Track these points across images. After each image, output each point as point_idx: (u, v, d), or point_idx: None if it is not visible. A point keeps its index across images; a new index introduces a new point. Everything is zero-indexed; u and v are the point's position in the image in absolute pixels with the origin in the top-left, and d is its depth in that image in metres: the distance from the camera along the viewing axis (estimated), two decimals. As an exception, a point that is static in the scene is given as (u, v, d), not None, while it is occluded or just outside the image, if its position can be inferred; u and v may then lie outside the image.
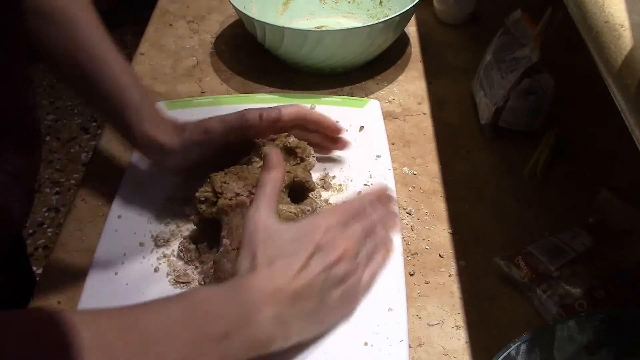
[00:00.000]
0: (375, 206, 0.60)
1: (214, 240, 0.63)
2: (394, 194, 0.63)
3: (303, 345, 0.55)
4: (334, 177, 0.72)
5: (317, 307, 0.53)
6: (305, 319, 0.53)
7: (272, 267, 0.52)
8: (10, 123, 0.61)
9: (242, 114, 0.67)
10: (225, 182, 0.62)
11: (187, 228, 0.67)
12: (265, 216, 0.55)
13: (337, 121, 0.72)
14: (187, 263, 0.63)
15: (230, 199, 0.60)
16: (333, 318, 0.56)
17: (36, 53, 0.65)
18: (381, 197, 0.61)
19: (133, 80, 0.67)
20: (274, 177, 0.58)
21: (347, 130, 0.78)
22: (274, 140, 0.67)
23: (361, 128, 0.78)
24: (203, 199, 0.62)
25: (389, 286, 0.60)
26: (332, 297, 0.54)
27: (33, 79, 0.64)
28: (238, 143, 0.68)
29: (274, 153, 0.59)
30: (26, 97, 0.64)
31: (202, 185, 0.63)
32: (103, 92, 0.66)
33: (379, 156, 0.74)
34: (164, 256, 0.64)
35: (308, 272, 0.52)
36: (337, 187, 0.71)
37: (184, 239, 0.65)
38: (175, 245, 0.65)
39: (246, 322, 0.49)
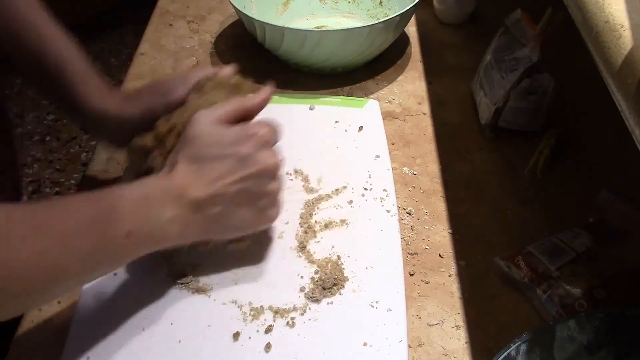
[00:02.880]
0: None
1: None
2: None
3: (301, 345, 0.56)
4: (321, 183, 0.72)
5: (224, 216, 0.55)
6: (208, 224, 0.55)
7: (187, 171, 0.54)
8: None
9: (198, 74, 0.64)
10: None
11: None
12: (209, 121, 0.56)
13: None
14: None
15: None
16: (240, 228, 0.58)
17: None
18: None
19: (77, 54, 0.65)
20: (245, 105, 0.59)
21: (346, 131, 0.78)
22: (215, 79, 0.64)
23: (360, 128, 0.78)
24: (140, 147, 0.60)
25: (388, 286, 0.60)
26: (242, 210, 0.56)
27: None
28: None
29: (266, 91, 0.60)
30: None
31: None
32: (46, 68, 0.64)
33: (378, 156, 0.74)
34: (162, 256, 0.64)
35: (222, 181, 0.54)
36: (336, 190, 0.70)
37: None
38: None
39: (148, 222, 0.51)
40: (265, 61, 0.92)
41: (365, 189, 0.70)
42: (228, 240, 0.60)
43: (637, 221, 0.63)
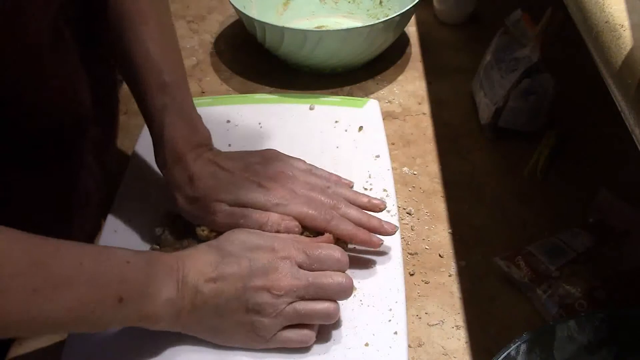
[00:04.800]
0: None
1: None
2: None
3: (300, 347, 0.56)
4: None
5: (214, 318, 0.52)
6: (196, 319, 0.52)
7: (202, 260, 0.53)
8: (102, 95, 0.64)
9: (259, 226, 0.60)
10: None
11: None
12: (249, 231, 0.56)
13: (381, 201, 0.65)
14: None
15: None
16: (226, 336, 0.54)
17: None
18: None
19: (168, 104, 0.63)
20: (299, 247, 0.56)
21: (346, 131, 0.78)
22: None
23: (360, 128, 0.78)
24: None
25: (388, 286, 0.60)
26: (234, 319, 0.53)
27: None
28: None
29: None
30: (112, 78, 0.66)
31: None
32: (138, 92, 0.64)
33: (378, 156, 0.74)
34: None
35: (225, 282, 0.52)
36: None
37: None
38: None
39: (142, 295, 0.49)
40: (265, 61, 0.92)
41: (365, 189, 0.70)
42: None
43: (637, 221, 0.63)
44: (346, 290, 0.55)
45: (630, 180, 0.71)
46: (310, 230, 0.61)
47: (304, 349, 0.55)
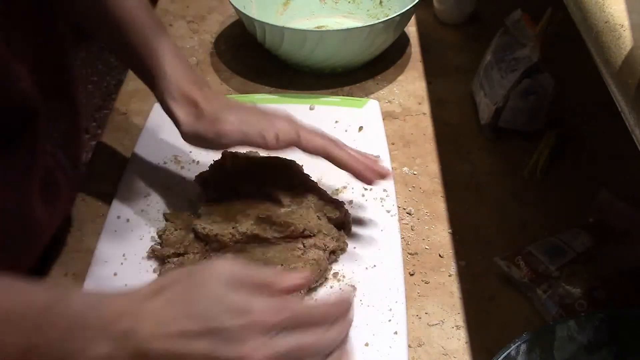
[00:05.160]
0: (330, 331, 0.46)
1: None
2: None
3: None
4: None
5: None
6: None
7: (155, 311, 0.43)
8: (56, 85, 0.62)
9: (262, 135, 0.61)
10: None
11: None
12: (222, 273, 0.44)
13: (376, 156, 0.68)
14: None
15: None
16: None
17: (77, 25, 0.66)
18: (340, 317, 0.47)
19: (164, 46, 0.65)
20: (273, 283, 0.45)
21: (346, 131, 0.78)
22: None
23: (360, 128, 0.78)
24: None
25: (388, 286, 0.60)
26: None
27: (69, 44, 0.66)
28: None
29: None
30: (69, 61, 0.65)
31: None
32: (134, 58, 0.66)
33: (378, 156, 0.74)
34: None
35: (181, 343, 0.42)
36: (336, 190, 0.70)
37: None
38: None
39: (59, 349, 0.41)
40: (265, 61, 0.92)
41: (365, 189, 0.70)
42: None
43: (637, 221, 0.63)
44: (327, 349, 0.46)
45: (630, 180, 0.71)
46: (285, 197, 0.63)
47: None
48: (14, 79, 0.55)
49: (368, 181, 0.63)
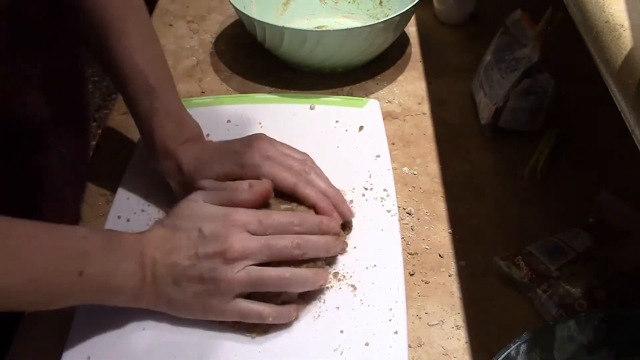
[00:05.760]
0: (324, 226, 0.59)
1: None
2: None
3: (302, 345, 0.56)
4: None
5: (170, 288, 0.53)
6: (161, 291, 0.54)
7: (157, 235, 0.55)
8: (68, 105, 0.64)
9: (233, 188, 0.61)
10: None
11: None
12: (197, 198, 0.58)
13: (377, 156, 0.72)
14: None
15: None
16: (185, 308, 0.55)
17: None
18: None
19: (156, 91, 0.66)
20: (234, 199, 0.58)
21: (346, 131, 0.78)
22: None
23: (361, 128, 0.78)
24: None
25: (389, 286, 0.60)
26: (190, 289, 0.54)
27: (84, 62, 0.67)
28: None
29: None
30: (81, 78, 0.67)
31: None
32: (128, 98, 0.67)
33: (378, 156, 0.74)
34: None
35: (179, 253, 0.53)
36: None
37: None
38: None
39: (104, 267, 0.50)
40: (265, 61, 0.92)
41: (366, 189, 0.70)
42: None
43: (637, 221, 0.63)
44: (307, 250, 0.56)
45: (630, 180, 0.71)
46: (286, 199, 0.62)
47: (306, 346, 0.55)
48: (22, 101, 0.57)
49: (333, 220, 0.62)
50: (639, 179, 0.71)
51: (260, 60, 0.93)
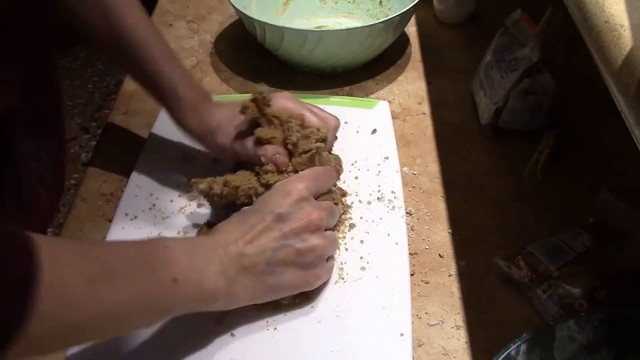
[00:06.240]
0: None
1: None
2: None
3: (309, 343, 0.56)
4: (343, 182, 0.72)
5: (266, 273, 0.54)
6: (252, 282, 0.54)
7: (230, 228, 0.56)
8: (46, 111, 0.64)
9: (258, 156, 0.65)
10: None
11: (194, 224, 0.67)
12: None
13: (385, 157, 0.75)
14: None
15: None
16: (284, 288, 0.57)
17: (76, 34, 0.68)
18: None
19: (169, 65, 0.68)
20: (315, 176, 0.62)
21: (357, 132, 0.78)
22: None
23: (374, 131, 0.78)
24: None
25: (395, 286, 0.60)
26: (288, 269, 0.55)
27: (58, 67, 0.67)
28: None
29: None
30: (57, 84, 0.67)
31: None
32: (142, 75, 0.69)
33: (387, 158, 0.74)
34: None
35: (263, 237, 0.55)
36: (345, 191, 0.70)
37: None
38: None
39: (195, 271, 0.50)
40: (265, 61, 0.92)
41: (374, 190, 0.70)
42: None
43: (637, 221, 0.63)
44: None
45: (630, 180, 0.71)
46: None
47: (310, 347, 0.56)
48: None
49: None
50: (639, 179, 0.71)
51: (260, 60, 0.93)
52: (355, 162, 0.74)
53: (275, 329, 0.57)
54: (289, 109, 0.67)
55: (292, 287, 0.57)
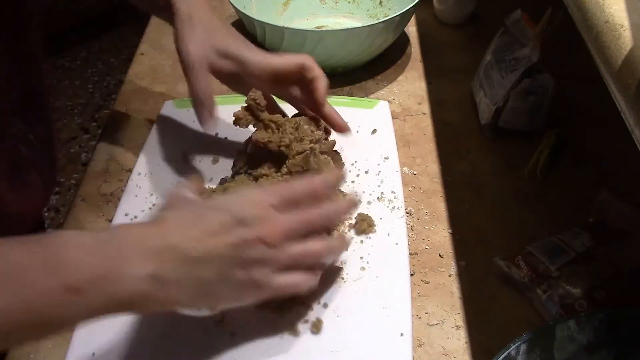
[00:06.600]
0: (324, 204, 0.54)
1: None
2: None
3: (311, 344, 0.56)
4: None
5: (213, 280, 0.47)
6: (195, 287, 0.47)
7: (173, 222, 0.47)
8: (32, 92, 0.63)
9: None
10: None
11: None
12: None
13: (385, 158, 0.74)
14: None
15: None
16: (229, 298, 0.49)
17: None
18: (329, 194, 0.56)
19: None
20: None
21: (357, 132, 0.78)
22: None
23: (374, 131, 0.78)
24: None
25: (395, 286, 0.60)
26: (235, 276, 0.48)
27: (43, 48, 0.66)
28: None
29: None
30: (41, 66, 0.65)
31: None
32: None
33: (387, 158, 0.74)
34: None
35: (216, 239, 0.47)
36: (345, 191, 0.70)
37: None
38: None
39: (107, 277, 0.43)
40: (265, 61, 0.92)
41: (374, 190, 0.70)
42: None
43: (637, 221, 0.63)
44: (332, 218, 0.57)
45: (630, 180, 0.71)
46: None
47: (311, 347, 0.55)
48: None
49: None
50: (639, 179, 0.71)
51: (260, 60, 0.93)
52: (355, 162, 0.74)
53: (275, 328, 0.57)
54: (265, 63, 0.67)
55: (234, 300, 0.50)
